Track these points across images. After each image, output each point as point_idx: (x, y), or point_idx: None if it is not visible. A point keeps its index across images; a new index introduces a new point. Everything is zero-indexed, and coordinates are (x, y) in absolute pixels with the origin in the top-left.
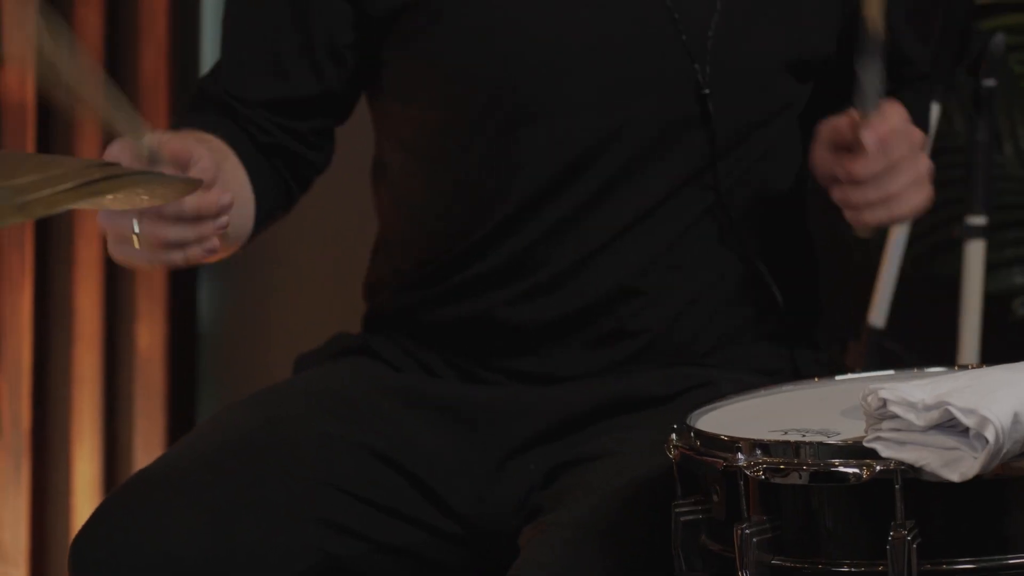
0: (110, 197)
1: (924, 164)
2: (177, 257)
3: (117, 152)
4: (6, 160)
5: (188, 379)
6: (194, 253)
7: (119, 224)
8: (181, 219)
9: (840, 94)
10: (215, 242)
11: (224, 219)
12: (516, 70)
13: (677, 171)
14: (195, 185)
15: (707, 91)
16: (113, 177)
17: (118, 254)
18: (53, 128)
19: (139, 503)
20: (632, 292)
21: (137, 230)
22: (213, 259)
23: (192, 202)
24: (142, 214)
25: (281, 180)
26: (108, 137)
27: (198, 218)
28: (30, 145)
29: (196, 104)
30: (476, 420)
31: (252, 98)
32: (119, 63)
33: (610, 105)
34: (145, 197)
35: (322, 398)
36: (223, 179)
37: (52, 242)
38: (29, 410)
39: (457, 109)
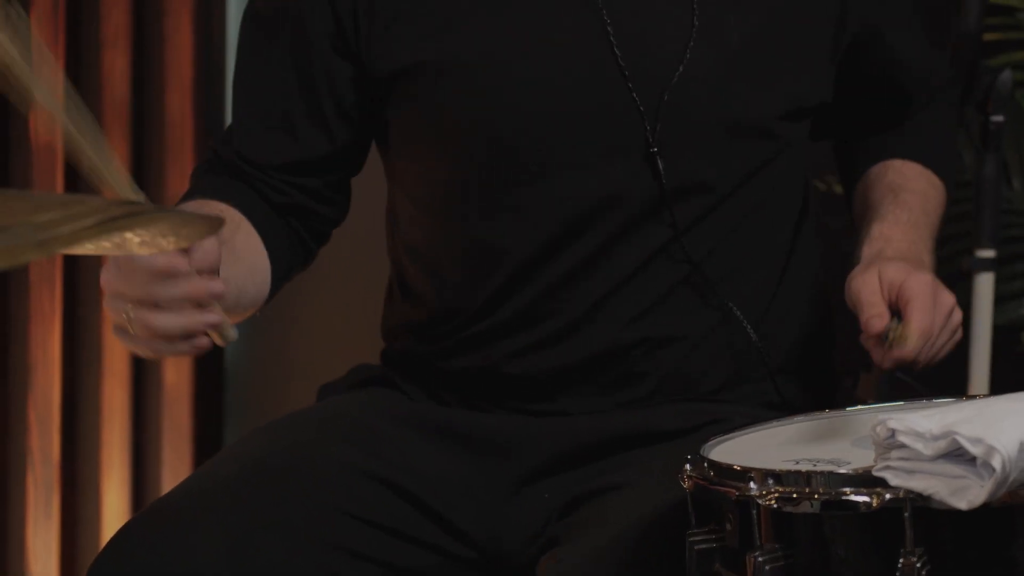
0: (137, 240)
1: (956, 321)
2: (169, 349)
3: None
4: (30, 199)
5: (214, 413)
6: (183, 348)
7: (117, 311)
8: (171, 307)
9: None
10: (205, 341)
11: (215, 317)
12: (513, 131)
13: (669, 229)
14: (218, 225)
15: (655, 148)
16: (134, 215)
17: (122, 342)
18: (81, 171)
19: (158, 527)
20: (637, 340)
21: (131, 316)
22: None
23: (181, 287)
24: (139, 301)
25: (297, 238)
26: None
27: (187, 305)
28: (59, 186)
29: (210, 168)
30: (489, 448)
31: (265, 162)
32: (145, 105)
33: (606, 165)
34: (171, 239)
35: (339, 425)
36: (234, 263)
37: (81, 281)
38: (59, 444)
39: (458, 167)
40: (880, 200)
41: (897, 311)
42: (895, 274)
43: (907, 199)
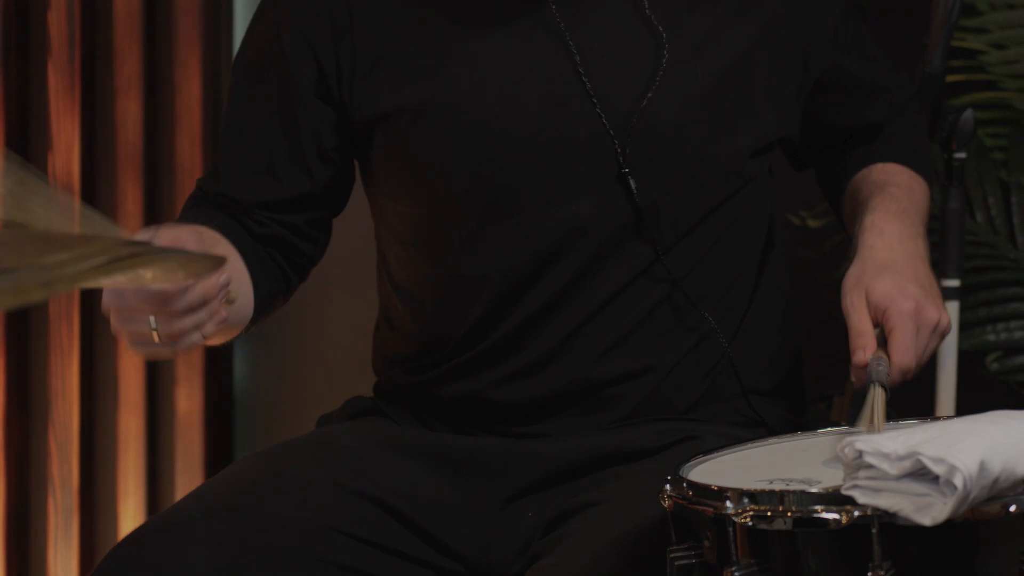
0: (149, 276)
1: (941, 328)
2: (195, 339)
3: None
4: (39, 239)
5: (224, 440)
6: (208, 329)
7: (136, 327)
8: (191, 308)
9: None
10: (223, 313)
11: (226, 292)
12: (485, 170)
13: (641, 255)
14: (222, 262)
15: (626, 169)
16: (139, 255)
17: (139, 352)
18: (98, 209)
19: (150, 547)
20: (612, 367)
21: (155, 327)
22: (217, 342)
23: (198, 291)
24: (158, 313)
25: (278, 267)
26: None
27: (205, 302)
28: (76, 226)
29: (196, 202)
30: (474, 468)
31: (248, 200)
32: (157, 149)
33: (572, 200)
34: (181, 274)
35: (330, 450)
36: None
37: (97, 315)
38: (78, 470)
39: (435, 206)
40: (868, 195)
41: (882, 333)
42: (880, 297)
43: (893, 191)
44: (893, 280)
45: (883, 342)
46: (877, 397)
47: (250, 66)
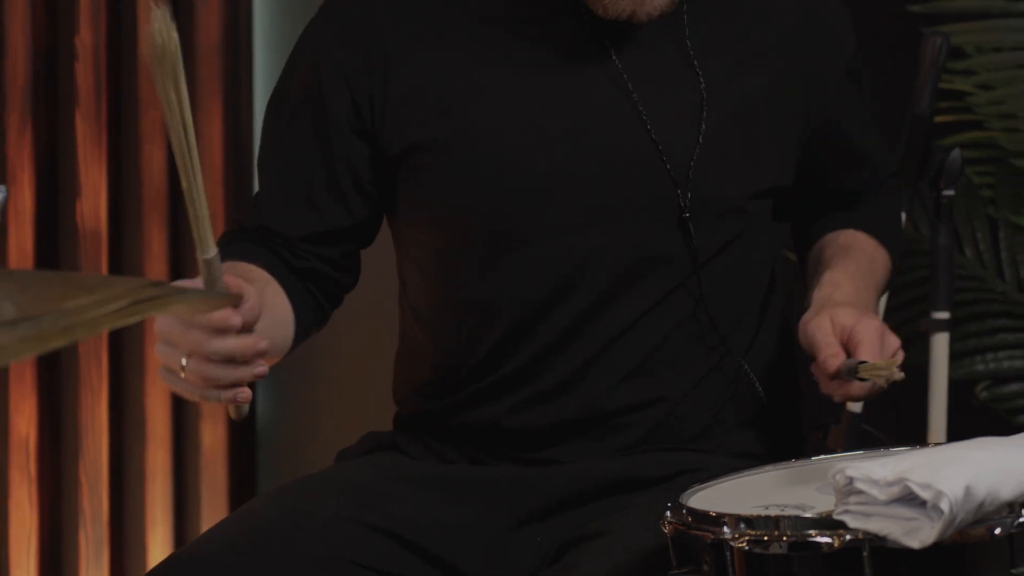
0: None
1: (900, 358)
2: (214, 396)
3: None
4: (62, 282)
5: (248, 473)
6: (227, 396)
7: (171, 358)
8: (222, 361)
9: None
10: (247, 392)
11: (262, 368)
12: (507, 199)
13: (660, 285)
14: (237, 300)
15: (687, 214)
16: (159, 297)
17: (166, 383)
18: (124, 252)
19: None
20: (623, 397)
21: (185, 364)
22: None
23: (233, 343)
24: (191, 353)
25: (315, 300)
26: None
27: (237, 360)
28: (103, 270)
29: (236, 236)
30: (486, 497)
31: (291, 233)
32: (180, 195)
33: (593, 229)
34: (204, 308)
35: (344, 486)
36: (265, 316)
37: (126, 354)
38: (108, 502)
39: (458, 234)
40: (831, 256)
41: (848, 352)
42: (845, 319)
43: (856, 256)
44: (855, 309)
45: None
46: (868, 368)
47: (288, 101)
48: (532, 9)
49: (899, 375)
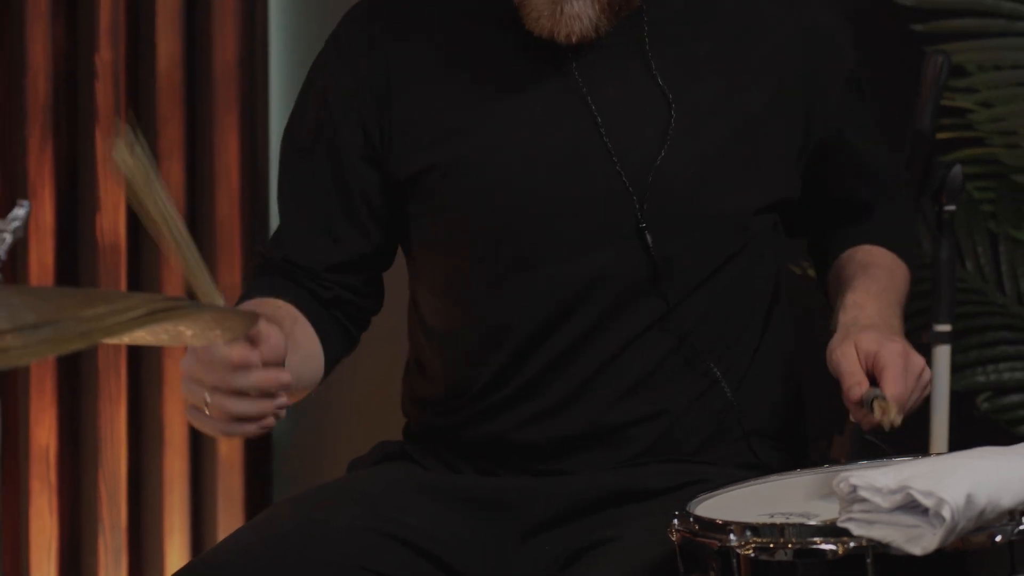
0: (189, 333)
1: (925, 379)
2: (238, 430)
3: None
4: (82, 295)
5: (263, 482)
6: (251, 429)
7: (196, 395)
8: (246, 395)
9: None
10: (271, 421)
11: (283, 400)
12: (514, 221)
13: (662, 301)
14: (256, 319)
15: (643, 224)
16: (174, 309)
17: (193, 422)
18: (143, 266)
19: None
20: (627, 411)
21: (208, 400)
22: (290, 402)
23: (256, 377)
24: (215, 389)
25: (343, 328)
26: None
27: (260, 394)
28: (123, 283)
29: (262, 271)
30: (495, 507)
31: (315, 265)
32: (198, 209)
33: (591, 253)
34: (218, 331)
35: (358, 495)
36: (294, 352)
37: (144, 366)
38: (126, 511)
39: (464, 256)
40: (852, 275)
41: (873, 377)
42: (870, 344)
43: (875, 273)
44: (879, 333)
45: (874, 384)
46: (883, 404)
47: (301, 134)
48: (520, 38)
49: (896, 422)
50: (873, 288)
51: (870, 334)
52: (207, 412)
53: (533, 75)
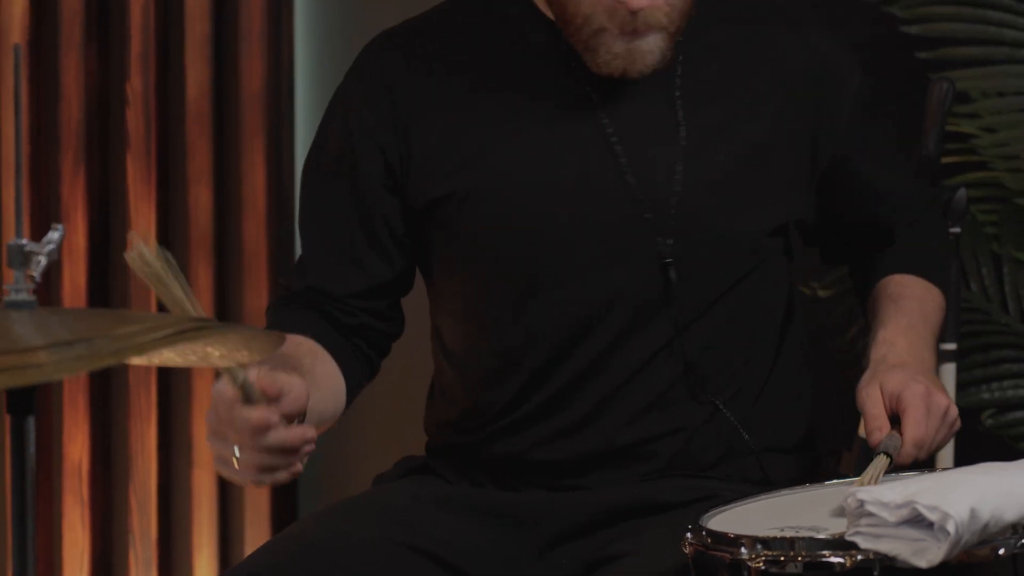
0: (216, 354)
1: (951, 417)
2: (268, 480)
3: (221, 389)
4: (114, 316)
5: (289, 496)
6: (281, 477)
7: (223, 450)
8: (272, 450)
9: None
10: (298, 467)
11: (311, 447)
12: (527, 248)
13: (674, 322)
14: (281, 340)
15: (670, 260)
16: (202, 329)
17: (220, 471)
18: None
19: None
20: (642, 429)
21: (237, 455)
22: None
23: (282, 435)
24: (242, 445)
25: (364, 355)
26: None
27: (287, 450)
28: (152, 305)
29: (283, 303)
30: (515, 520)
31: (339, 292)
32: (226, 232)
33: (606, 275)
34: (244, 352)
35: (382, 509)
36: (317, 391)
37: (173, 384)
38: (156, 524)
39: (482, 280)
40: (883, 309)
41: (897, 417)
42: (895, 385)
43: (905, 306)
44: (905, 372)
45: (897, 425)
46: (879, 462)
47: (323, 164)
48: (537, 67)
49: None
50: (904, 322)
51: (896, 375)
52: (236, 466)
53: (550, 102)
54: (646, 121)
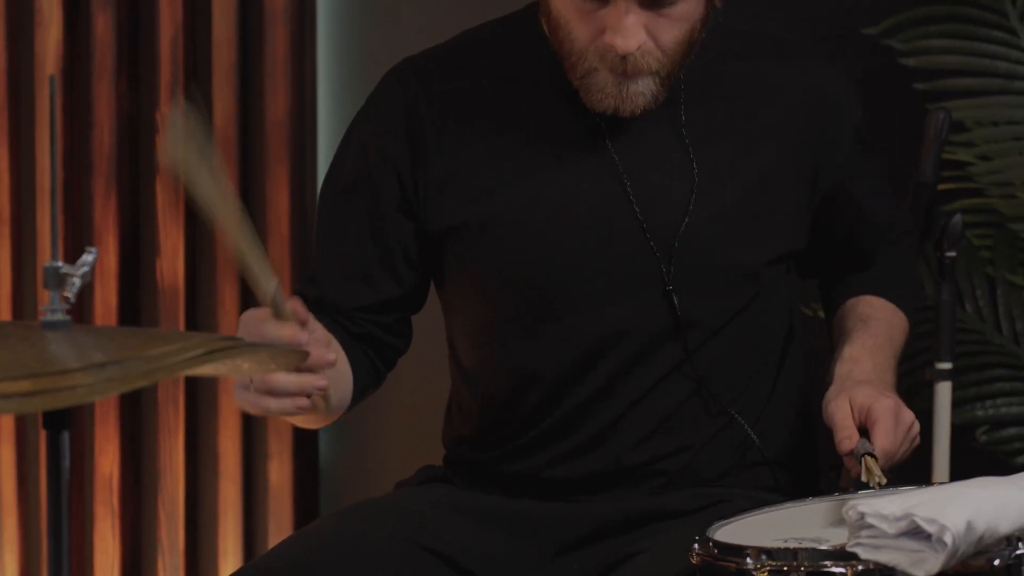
0: (246, 367)
1: (914, 432)
2: (275, 405)
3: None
4: (146, 335)
5: (311, 508)
6: (287, 405)
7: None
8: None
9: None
10: (306, 402)
11: (323, 382)
12: (544, 277)
13: (683, 347)
14: (305, 356)
15: (670, 287)
16: (229, 348)
17: (238, 398)
18: (200, 307)
19: None
20: (650, 449)
21: (253, 378)
22: (317, 426)
23: (295, 379)
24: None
25: (371, 362)
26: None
27: (302, 370)
28: (181, 323)
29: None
30: (529, 528)
31: (347, 305)
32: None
33: (623, 301)
34: (272, 365)
35: (400, 511)
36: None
37: (200, 400)
38: (183, 534)
39: (496, 306)
40: (852, 328)
41: (865, 430)
42: (864, 399)
43: (874, 327)
44: (873, 388)
45: (865, 435)
46: (870, 463)
47: (341, 185)
48: (550, 101)
49: (883, 482)
50: (870, 343)
51: (864, 389)
52: (251, 387)
53: (565, 136)
54: (654, 154)
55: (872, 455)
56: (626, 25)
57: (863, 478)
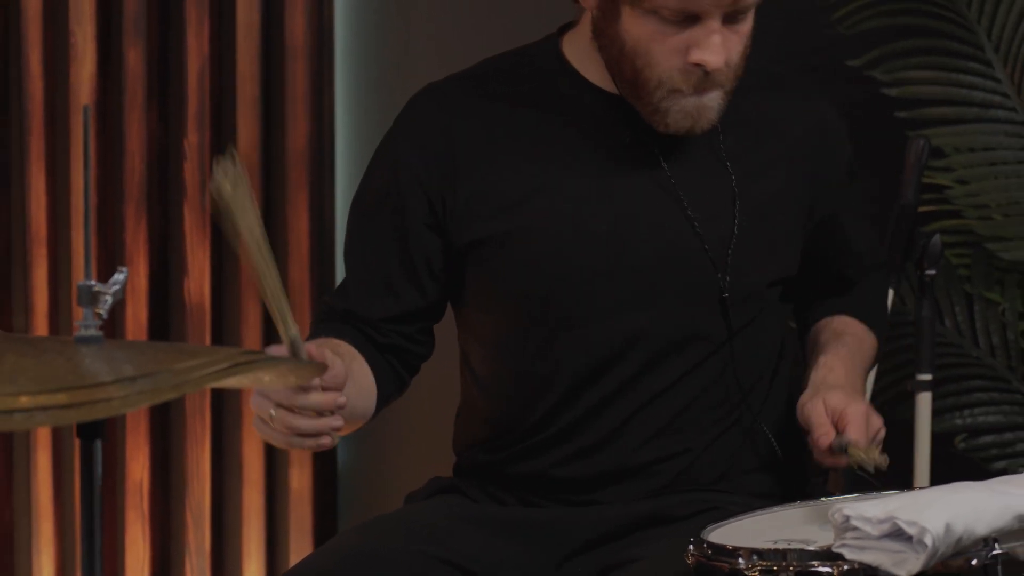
0: (267, 379)
1: (880, 436)
2: (297, 443)
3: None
4: (173, 349)
5: (330, 513)
6: (309, 444)
7: (262, 408)
8: (306, 412)
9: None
10: (327, 440)
11: (338, 422)
12: (557, 288)
13: (693, 357)
14: (324, 368)
15: (726, 295)
16: (254, 362)
17: (258, 432)
18: (225, 323)
19: None
20: (654, 451)
21: (273, 414)
22: (347, 432)
23: (316, 398)
24: (278, 404)
25: (395, 371)
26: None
27: (318, 413)
28: (207, 339)
29: (326, 316)
30: (535, 534)
31: (373, 316)
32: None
33: (638, 312)
34: (292, 378)
35: (413, 525)
36: (352, 385)
37: (226, 411)
38: (209, 538)
39: (514, 316)
40: (826, 340)
41: (838, 431)
42: (837, 402)
43: (847, 340)
44: (845, 393)
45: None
46: (854, 449)
47: (370, 200)
48: (587, 121)
49: (884, 462)
50: (843, 353)
51: (838, 393)
52: (272, 425)
53: (584, 155)
54: (692, 174)
55: (854, 444)
56: (714, 42)
57: (856, 461)
